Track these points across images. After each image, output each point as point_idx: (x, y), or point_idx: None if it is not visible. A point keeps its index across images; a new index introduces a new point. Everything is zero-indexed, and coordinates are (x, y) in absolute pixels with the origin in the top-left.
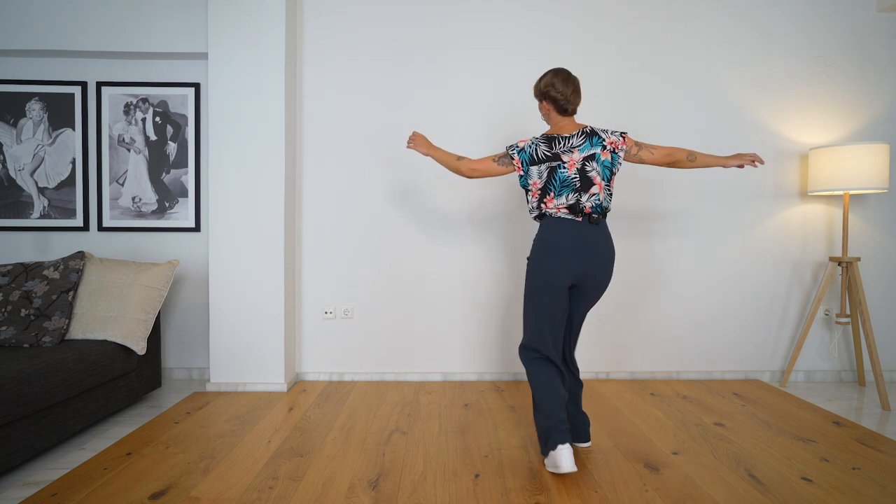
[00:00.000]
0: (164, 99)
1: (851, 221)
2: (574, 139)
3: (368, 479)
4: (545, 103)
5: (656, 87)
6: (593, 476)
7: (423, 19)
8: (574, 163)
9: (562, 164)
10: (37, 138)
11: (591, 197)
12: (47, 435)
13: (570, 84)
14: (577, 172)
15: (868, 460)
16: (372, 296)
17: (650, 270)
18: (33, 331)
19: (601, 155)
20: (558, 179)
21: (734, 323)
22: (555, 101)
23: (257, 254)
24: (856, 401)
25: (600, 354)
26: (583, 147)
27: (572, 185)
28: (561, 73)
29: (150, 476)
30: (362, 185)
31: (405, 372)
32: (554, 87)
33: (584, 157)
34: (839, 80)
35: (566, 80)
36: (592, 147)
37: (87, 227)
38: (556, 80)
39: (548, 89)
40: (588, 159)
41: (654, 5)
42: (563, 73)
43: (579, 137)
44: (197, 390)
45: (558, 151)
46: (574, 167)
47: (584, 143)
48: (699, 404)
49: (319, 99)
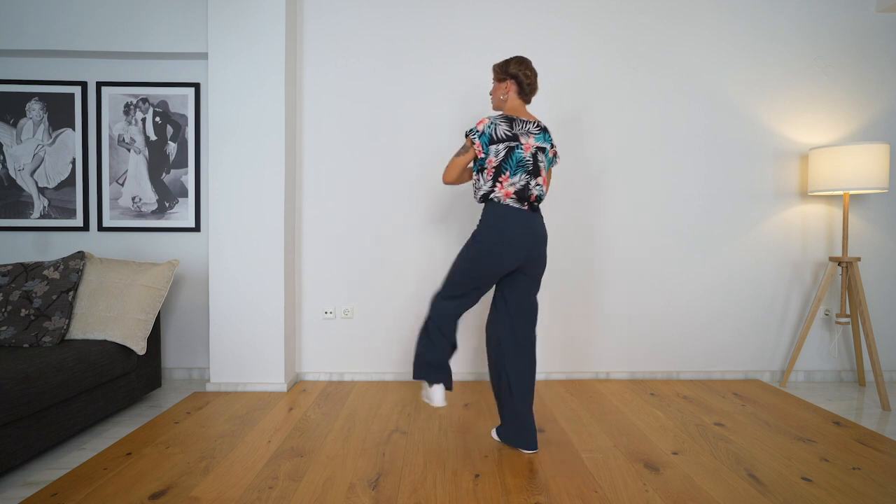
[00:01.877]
0: (164, 99)
1: (851, 221)
2: (531, 126)
3: (368, 479)
4: (509, 83)
5: (656, 87)
6: (593, 476)
7: (423, 19)
8: (530, 147)
9: (520, 145)
10: (37, 138)
11: (537, 186)
12: (47, 435)
13: (536, 74)
14: (531, 157)
15: (868, 460)
16: (372, 296)
17: (650, 270)
18: (33, 331)
19: (549, 151)
20: (514, 159)
21: (734, 323)
22: (521, 84)
23: (257, 254)
24: (856, 401)
25: (600, 354)
26: (538, 137)
27: (527, 166)
28: (528, 61)
29: (150, 476)
30: (363, 185)
31: (405, 372)
32: (522, 71)
33: (537, 146)
34: (839, 80)
35: (533, 70)
36: (544, 141)
37: (87, 227)
38: (523, 66)
39: (517, 71)
40: (540, 150)
41: (653, 6)
42: (529, 62)
43: (536, 127)
44: (197, 390)
45: (518, 133)
46: (529, 150)
47: (540, 134)
48: (699, 404)
49: (319, 98)
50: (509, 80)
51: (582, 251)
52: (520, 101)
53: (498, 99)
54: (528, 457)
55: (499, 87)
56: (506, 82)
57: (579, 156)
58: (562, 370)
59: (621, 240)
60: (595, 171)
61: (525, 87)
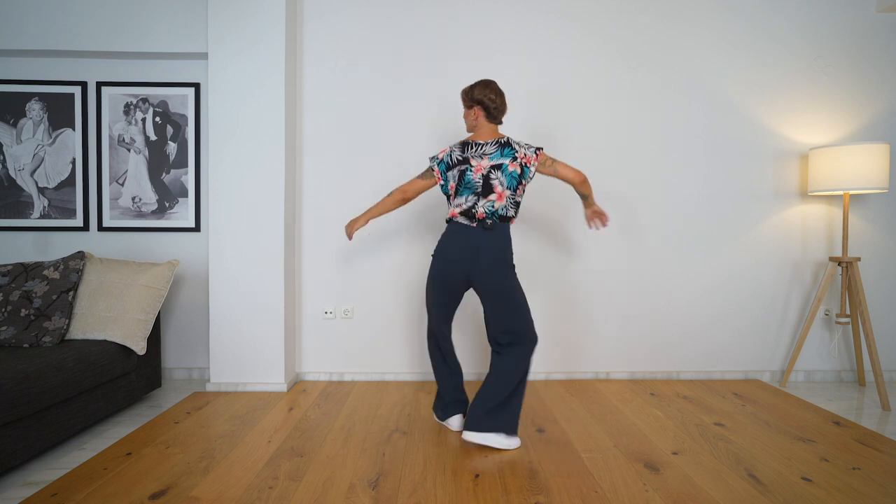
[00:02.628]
0: (164, 99)
1: (851, 221)
2: (487, 147)
3: (368, 479)
4: (476, 109)
5: (656, 87)
6: (593, 476)
7: (423, 20)
8: (480, 168)
9: (469, 168)
10: (37, 138)
11: (487, 203)
12: (47, 435)
13: (501, 95)
14: (482, 178)
15: (868, 460)
16: (372, 296)
17: (650, 270)
18: (33, 331)
19: (509, 166)
20: (464, 181)
21: (734, 323)
22: (486, 108)
23: (257, 254)
24: (856, 401)
25: (600, 354)
26: (493, 156)
27: (474, 188)
28: (492, 84)
29: (150, 476)
30: (363, 185)
31: (405, 372)
32: (487, 96)
33: (491, 164)
34: (839, 80)
35: (497, 92)
36: (502, 157)
37: (87, 227)
38: (488, 90)
39: (481, 97)
40: (495, 168)
41: (653, 6)
42: (494, 84)
43: (492, 146)
44: (197, 390)
45: (468, 156)
46: (480, 172)
47: (496, 152)
48: (699, 404)
49: (319, 98)
50: (476, 107)
51: (581, 251)
52: (489, 124)
53: (470, 124)
54: (528, 457)
55: (468, 113)
56: (473, 108)
57: (579, 156)
58: (562, 370)
59: (621, 239)
60: (595, 171)
61: (492, 111)
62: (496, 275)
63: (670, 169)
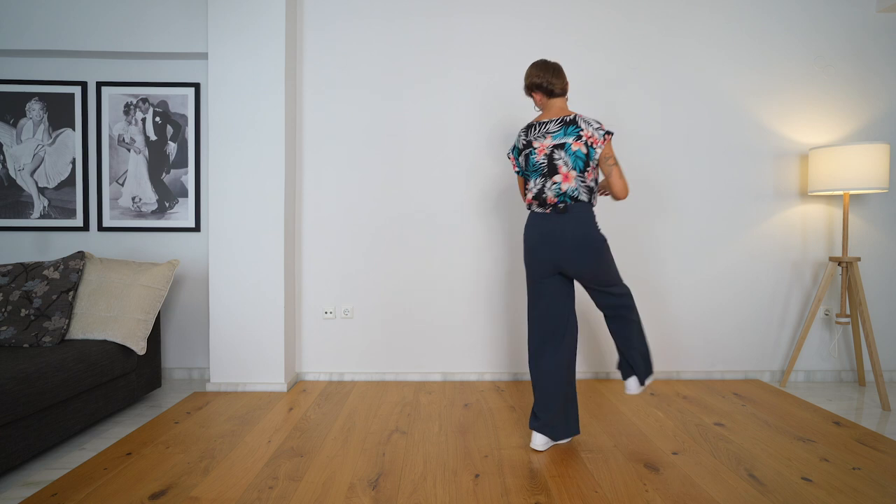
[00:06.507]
0: (164, 99)
1: (851, 221)
2: (551, 125)
3: (368, 479)
4: (535, 94)
5: (656, 88)
6: (593, 476)
7: (423, 21)
8: (543, 149)
9: (533, 150)
10: (37, 138)
11: (553, 185)
12: (47, 435)
13: (549, 68)
14: (545, 158)
15: (868, 460)
16: (372, 296)
17: (650, 270)
18: (33, 331)
19: (573, 145)
20: (531, 164)
21: (734, 323)
22: (539, 86)
23: (257, 254)
24: (856, 401)
25: (600, 354)
26: (556, 134)
27: (540, 169)
28: (539, 62)
29: (150, 476)
30: (362, 185)
31: (405, 372)
32: (536, 75)
33: (554, 144)
34: (839, 79)
35: (544, 66)
36: (566, 136)
37: (87, 227)
38: (535, 69)
39: (530, 80)
40: (557, 147)
41: (654, 6)
42: (540, 62)
43: (556, 124)
44: (197, 390)
45: (531, 138)
46: (543, 153)
47: (560, 130)
48: (699, 404)
49: (319, 98)
50: (533, 92)
51: None
52: (551, 101)
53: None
54: (528, 457)
55: (534, 102)
56: (533, 95)
57: None
58: None
59: (621, 240)
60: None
61: (546, 87)
62: (585, 262)
63: (670, 169)
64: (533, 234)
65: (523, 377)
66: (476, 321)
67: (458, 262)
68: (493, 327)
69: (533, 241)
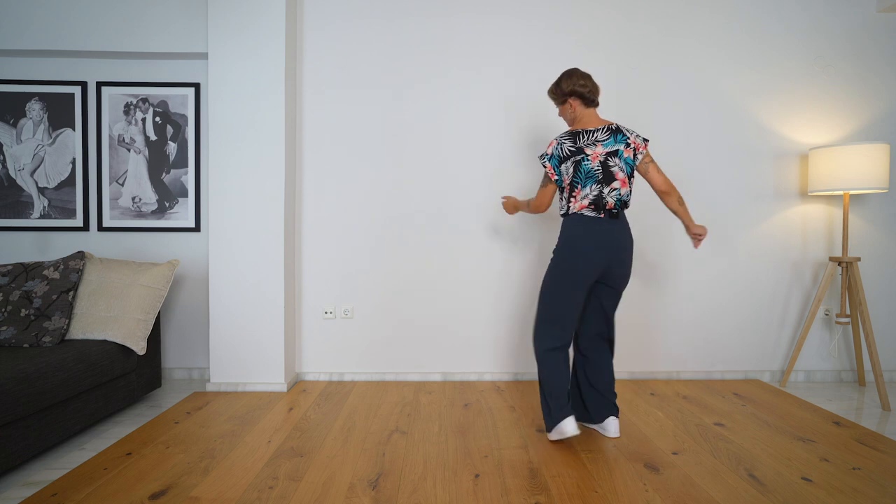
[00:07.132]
0: (164, 99)
1: (851, 221)
2: (599, 133)
3: (368, 479)
4: (571, 101)
5: (656, 88)
6: (593, 476)
7: (423, 21)
8: (597, 156)
9: (585, 157)
10: (37, 138)
11: (613, 192)
12: (47, 435)
13: (588, 77)
14: (600, 165)
15: (868, 460)
16: (372, 296)
17: (650, 270)
18: (33, 331)
19: (624, 152)
20: (583, 171)
21: (734, 323)
22: (581, 95)
23: (257, 253)
24: (856, 401)
25: None
26: (607, 142)
27: (595, 176)
28: (576, 71)
29: (150, 476)
30: (362, 185)
31: (405, 372)
32: (577, 83)
33: (607, 151)
34: (839, 79)
35: (583, 75)
36: (616, 143)
37: (87, 227)
38: (575, 78)
39: (572, 87)
40: (611, 154)
41: (654, 6)
42: (577, 71)
43: (604, 133)
44: (197, 390)
45: (582, 145)
46: (597, 160)
47: (609, 138)
48: (699, 404)
49: (319, 98)
50: (569, 98)
51: None
52: (587, 110)
53: (570, 118)
54: (528, 457)
55: (564, 109)
56: (567, 102)
57: None
58: None
59: None
60: None
61: (587, 96)
62: (629, 264)
63: (670, 170)
64: (587, 238)
65: (523, 377)
66: (476, 321)
67: (458, 262)
68: (493, 327)
69: (587, 245)
